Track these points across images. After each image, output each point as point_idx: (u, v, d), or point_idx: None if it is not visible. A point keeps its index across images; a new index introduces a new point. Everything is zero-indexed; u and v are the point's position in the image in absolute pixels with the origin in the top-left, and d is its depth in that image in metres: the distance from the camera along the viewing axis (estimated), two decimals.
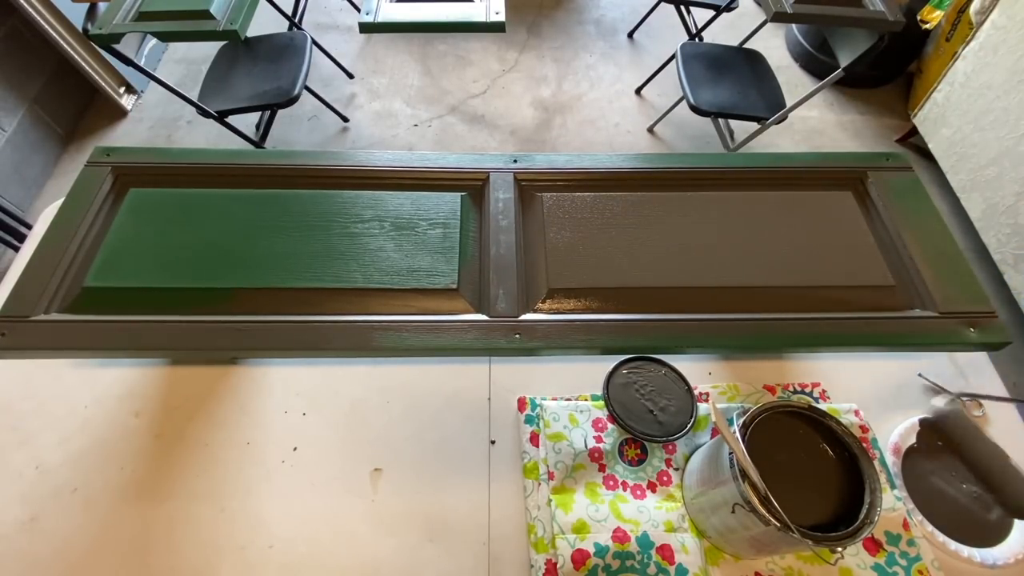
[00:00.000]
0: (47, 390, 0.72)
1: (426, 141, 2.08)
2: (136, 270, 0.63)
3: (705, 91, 1.70)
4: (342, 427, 0.70)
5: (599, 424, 0.69)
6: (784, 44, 2.49)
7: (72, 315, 0.60)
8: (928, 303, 0.64)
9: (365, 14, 1.45)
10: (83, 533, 0.62)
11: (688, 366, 0.72)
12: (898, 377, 0.76)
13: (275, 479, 0.66)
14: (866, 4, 1.45)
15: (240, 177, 0.74)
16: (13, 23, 1.75)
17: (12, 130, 1.76)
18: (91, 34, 1.29)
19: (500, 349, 0.60)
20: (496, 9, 1.44)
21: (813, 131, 2.17)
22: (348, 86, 2.25)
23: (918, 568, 0.61)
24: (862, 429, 0.70)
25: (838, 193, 0.75)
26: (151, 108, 2.13)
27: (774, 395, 0.74)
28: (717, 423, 0.54)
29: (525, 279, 0.66)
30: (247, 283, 0.63)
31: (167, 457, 0.67)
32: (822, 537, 0.48)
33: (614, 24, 2.55)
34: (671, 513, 0.63)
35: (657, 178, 0.76)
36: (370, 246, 0.66)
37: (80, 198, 0.69)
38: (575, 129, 2.15)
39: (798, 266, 0.67)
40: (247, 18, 1.35)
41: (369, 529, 0.63)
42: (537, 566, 0.60)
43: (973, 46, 1.71)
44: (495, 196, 0.72)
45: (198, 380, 0.73)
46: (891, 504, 0.64)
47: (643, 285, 0.64)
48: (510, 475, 0.67)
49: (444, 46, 2.41)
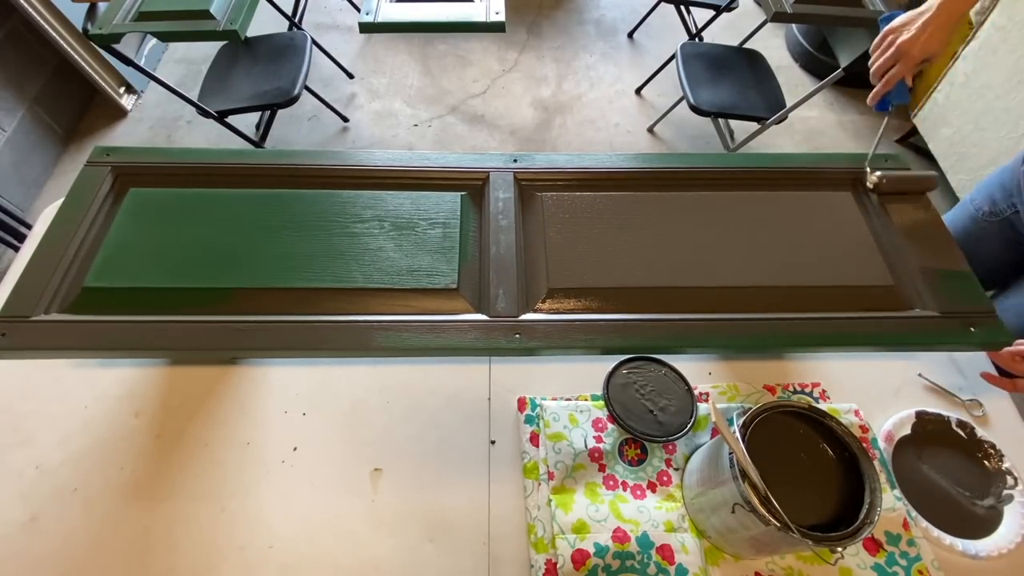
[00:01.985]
0: (47, 390, 0.72)
1: (426, 141, 2.08)
2: (136, 270, 0.63)
3: (705, 91, 1.70)
4: (342, 427, 0.70)
5: (599, 424, 0.69)
6: (784, 44, 2.49)
7: (72, 315, 0.60)
8: (928, 303, 0.64)
9: (365, 14, 1.45)
10: (83, 533, 0.62)
11: (688, 366, 0.72)
12: (898, 377, 0.77)
13: (275, 479, 0.66)
14: (866, 4, 1.45)
15: (240, 177, 0.74)
16: (13, 23, 1.75)
17: (12, 130, 1.76)
18: (91, 34, 1.29)
19: (500, 349, 0.60)
20: (496, 9, 1.44)
21: (813, 131, 2.17)
22: (348, 86, 2.25)
23: (918, 568, 0.61)
24: (862, 429, 0.70)
25: (838, 193, 0.75)
26: (151, 108, 2.13)
27: (774, 395, 0.74)
28: (717, 423, 0.54)
29: (525, 279, 0.66)
30: (247, 283, 0.63)
31: (167, 457, 0.67)
32: (822, 537, 0.48)
33: (614, 24, 2.55)
34: (671, 513, 0.63)
35: (657, 178, 0.76)
36: (370, 246, 0.66)
37: (80, 198, 0.69)
38: (575, 129, 2.15)
39: (798, 266, 0.67)
40: (247, 18, 1.35)
41: (369, 529, 0.63)
42: (537, 566, 0.60)
43: (973, 46, 1.71)
44: (495, 196, 0.72)
45: (198, 380, 0.73)
46: (891, 504, 0.64)
47: (643, 285, 0.64)
48: (510, 475, 0.67)
49: (444, 46, 2.41)
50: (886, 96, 0.73)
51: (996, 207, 0.87)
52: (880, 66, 0.73)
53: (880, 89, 0.73)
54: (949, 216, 0.98)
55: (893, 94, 0.73)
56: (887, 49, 0.73)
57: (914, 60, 0.70)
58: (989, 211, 0.88)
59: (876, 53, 0.74)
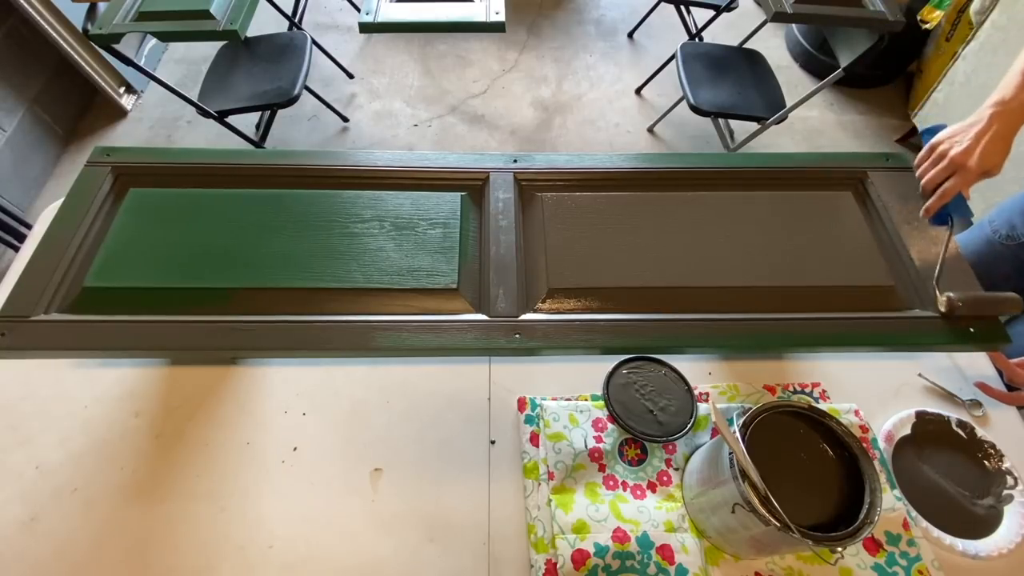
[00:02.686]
0: (47, 390, 0.72)
1: (426, 141, 2.08)
2: (136, 270, 0.63)
3: (705, 91, 1.70)
4: (342, 427, 0.70)
5: (599, 424, 0.69)
6: (784, 44, 2.49)
7: (72, 315, 0.60)
8: (928, 303, 0.64)
9: (365, 14, 1.45)
10: (83, 533, 0.62)
11: (688, 366, 0.72)
12: (898, 377, 0.77)
13: (275, 479, 0.66)
14: (866, 4, 1.45)
15: (240, 177, 0.74)
16: (13, 23, 1.75)
17: (12, 130, 1.76)
18: (91, 34, 1.29)
19: (500, 349, 0.60)
20: (496, 9, 1.44)
21: (813, 131, 2.17)
22: (348, 86, 2.25)
23: (918, 568, 0.61)
24: (862, 429, 0.70)
25: (838, 193, 0.75)
26: (151, 108, 2.13)
27: (774, 395, 0.74)
28: (717, 423, 0.54)
29: (525, 279, 0.66)
30: (247, 283, 0.63)
31: (167, 457, 0.67)
32: (822, 537, 0.48)
33: (614, 24, 2.55)
34: (671, 513, 0.63)
35: (657, 178, 0.76)
36: (370, 246, 0.66)
37: (80, 198, 0.69)
38: (575, 129, 2.15)
39: (798, 266, 0.67)
40: (247, 18, 1.35)
41: (369, 529, 0.63)
42: (537, 566, 0.60)
43: (973, 46, 1.71)
44: (495, 196, 0.72)
45: (198, 380, 0.73)
46: (891, 504, 0.64)
47: (643, 285, 0.64)
48: (510, 475, 0.67)
49: (444, 46, 2.41)
50: (942, 210, 0.71)
51: (1014, 231, 0.87)
52: (932, 179, 0.71)
53: (935, 203, 0.70)
54: (964, 237, 0.97)
55: (952, 207, 0.71)
56: (938, 161, 0.71)
57: (973, 173, 0.68)
58: (1006, 234, 0.88)
59: (926, 165, 0.72)
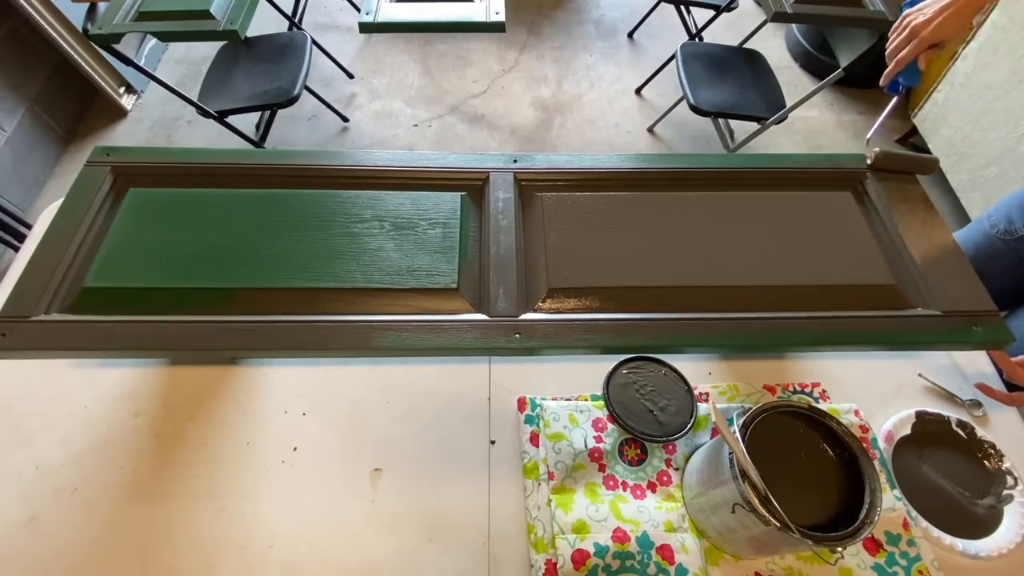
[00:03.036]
0: (47, 390, 0.72)
1: (426, 141, 2.08)
2: (136, 270, 0.63)
3: (705, 91, 1.70)
4: (342, 427, 0.70)
5: (599, 424, 0.69)
6: (784, 44, 2.49)
7: (72, 315, 0.60)
8: (929, 302, 0.64)
9: (365, 14, 1.45)
10: (83, 533, 0.62)
11: (688, 366, 0.72)
12: (898, 377, 0.77)
13: (275, 479, 0.66)
14: (866, 4, 1.45)
15: (240, 177, 0.74)
16: (13, 23, 1.75)
17: (12, 130, 1.75)
18: (91, 34, 1.29)
19: (500, 349, 0.60)
20: (496, 9, 1.44)
21: (813, 131, 2.17)
22: (348, 86, 2.25)
23: (918, 568, 0.61)
24: (862, 429, 0.70)
25: (838, 193, 0.75)
26: (151, 108, 2.13)
27: (774, 395, 0.74)
28: (717, 423, 0.54)
29: (525, 279, 0.66)
30: (247, 283, 0.63)
31: (167, 457, 0.67)
32: (822, 537, 0.48)
33: (614, 24, 2.55)
34: (671, 513, 0.63)
35: (657, 178, 0.76)
36: (370, 246, 0.66)
37: (80, 198, 0.69)
38: (575, 129, 2.15)
39: (798, 266, 0.67)
40: (247, 18, 1.35)
41: (369, 529, 0.63)
42: (537, 566, 0.60)
43: (973, 46, 1.71)
44: (495, 196, 0.72)
45: (198, 380, 0.73)
46: (891, 504, 0.64)
47: (643, 285, 0.64)
48: (510, 475, 0.67)
49: (444, 46, 2.41)
50: (897, 77, 0.73)
51: (1012, 226, 0.87)
52: (895, 48, 0.73)
53: (891, 70, 0.72)
54: (963, 233, 0.97)
55: (904, 75, 0.73)
56: (902, 31, 0.73)
57: (925, 42, 0.70)
58: (1005, 229, 0.88)
59: (892, 35, 0.75)
